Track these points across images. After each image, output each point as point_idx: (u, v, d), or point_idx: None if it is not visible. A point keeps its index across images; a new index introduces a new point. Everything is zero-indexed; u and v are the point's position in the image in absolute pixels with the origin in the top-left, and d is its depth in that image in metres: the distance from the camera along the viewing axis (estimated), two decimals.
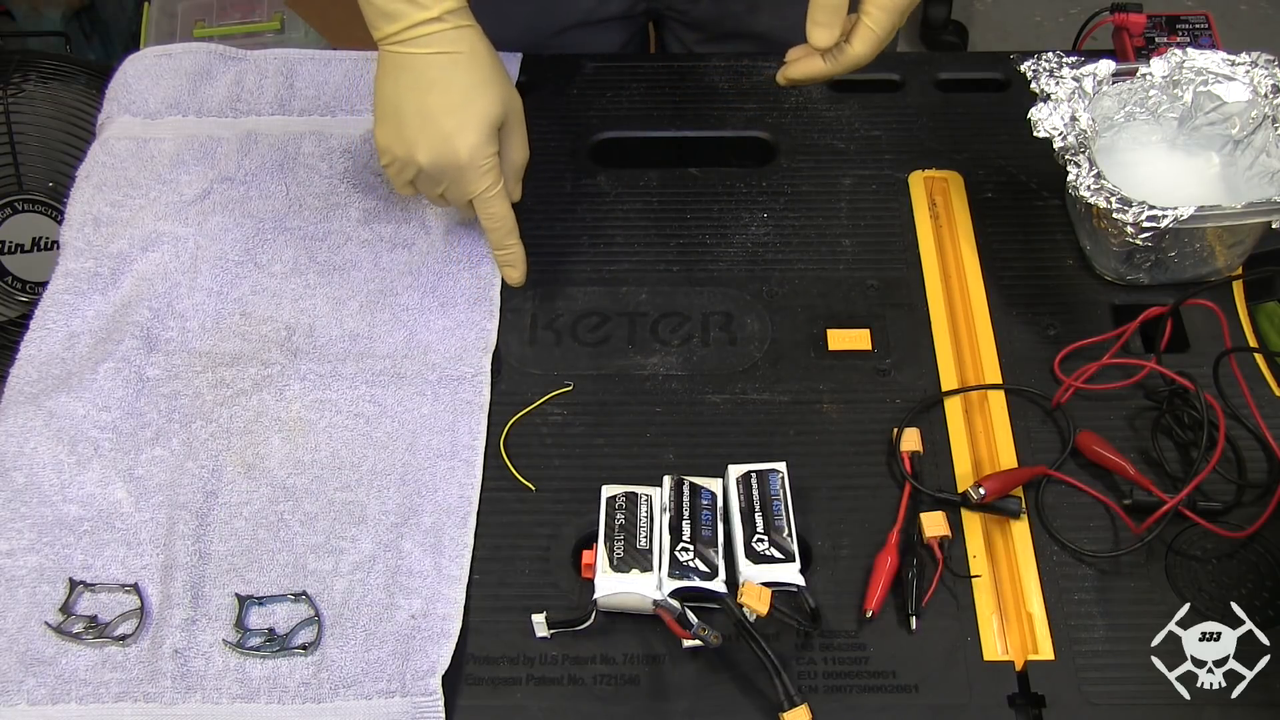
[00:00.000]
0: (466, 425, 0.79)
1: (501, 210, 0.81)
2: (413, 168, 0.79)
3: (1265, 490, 0.74)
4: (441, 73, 0.77)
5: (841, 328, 0.84)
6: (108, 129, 0.95)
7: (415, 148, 0.78)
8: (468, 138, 0.77)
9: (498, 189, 0.80)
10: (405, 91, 0.77)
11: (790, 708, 0.65)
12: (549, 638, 0.70)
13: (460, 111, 0.77)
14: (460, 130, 0.77)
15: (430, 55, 0.77)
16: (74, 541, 0.74)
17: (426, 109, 0.77)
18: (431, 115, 0.77)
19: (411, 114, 0.77)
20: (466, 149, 0.77)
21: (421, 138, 0.77)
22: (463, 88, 0.77)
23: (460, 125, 0.77)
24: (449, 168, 0.78)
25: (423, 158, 0.78)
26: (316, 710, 0.68)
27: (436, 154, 0.77)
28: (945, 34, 2.22)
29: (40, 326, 0.84)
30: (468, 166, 0.78)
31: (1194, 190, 0.85)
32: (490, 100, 0.78)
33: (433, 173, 0.79)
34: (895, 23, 0.76)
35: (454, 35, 0.77)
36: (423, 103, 0.77)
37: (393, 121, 0.78)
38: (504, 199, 0.81)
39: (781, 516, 0.72)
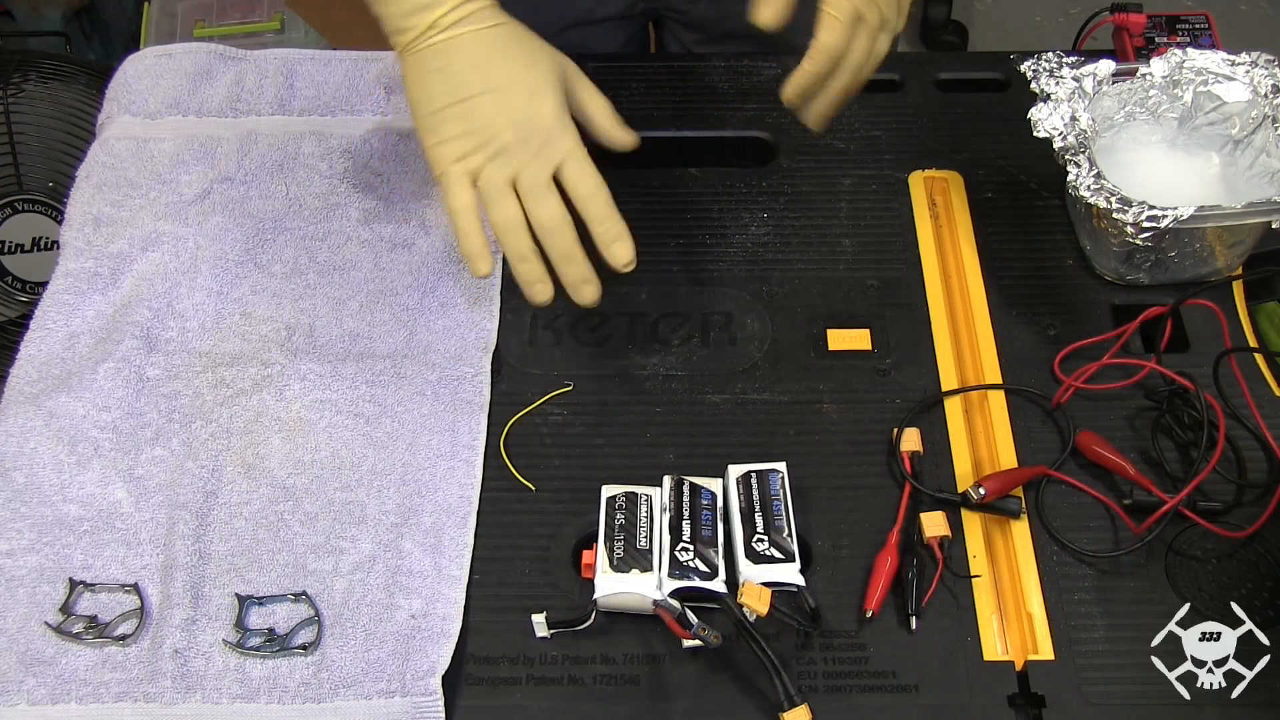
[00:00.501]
0: (466, 425, 0.79)
1: (595, 174, 0.74)
2: (493, 146, 0.73)
3: (1265, 490, 0.74)
4: (494, 45, 0.74)
5: (841, 328, 0.84)
6: (108, 129, 0.95)
7: (494, 122, 0.73)
8: (547, 97, 0.73)
9: (585, 151, 0.74)
10: (460, 75, 0.73)
11: (790, 708, 0.65)
12: (549, 638, 0.70)
13: (529, 73, 0.73)
14: (538, 91, 0.73)
15: (476, 32, 0.73)
16: (74, 541, 0.74)
17: (491, 81, 0.73)
18: (499, 86, 0.73)
19: (476, 91, 0.73)
20: (550, 108, 0.73)
21: (498, 109, 0.73)
22: (521, 53, 0.74)
23: (536, 86, 0.73)
24: (536, 131, 0.73)
25: (506, 130, 0.73)
26: (316, 710, 0.68)
27: (519, 120, 0.73)
28: (945, 34, 2.22)
29: (40, 326, 0.84)
30: (555, 125, 0.73)
31: (1194, 190, 0.85)
32: (549, 60, 0.75)
33: (517, 144, 0.73)
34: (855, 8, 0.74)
35: (490, 13, 0.74)
36: (486, 77, 0.73)
37: (456, 110, 0.73)
38: (592, 163, 0.75)
39: (781, 516, 0.72)
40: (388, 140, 0.94)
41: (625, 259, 0.75)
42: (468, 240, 0.75)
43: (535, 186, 0.73)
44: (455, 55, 0.74)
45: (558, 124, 0.73)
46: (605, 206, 0.74)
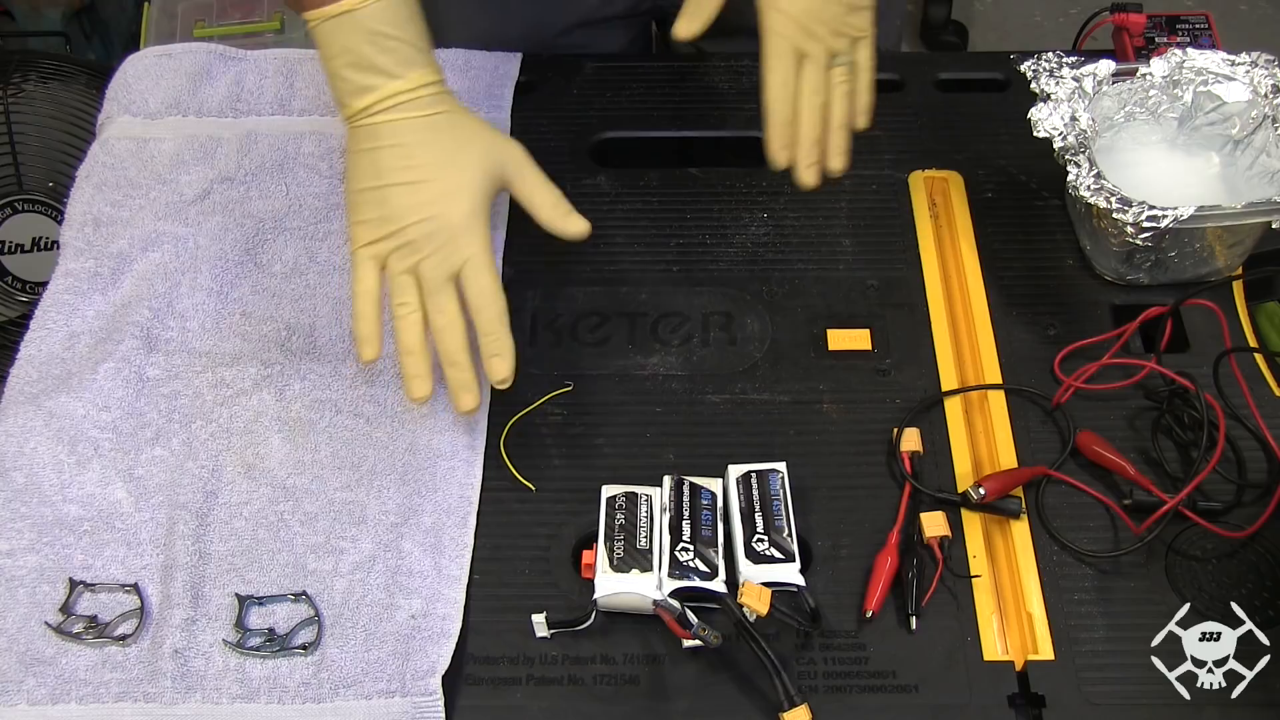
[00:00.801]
0: (466, 425, 0.79)
1: (489, 282, 0.73)
2: (401, 238, 0.73)
3: (1265, 490, 0.74)
4: (423, 136, 0.74)
5: (841, 328, 0.84)
6: (108, 129, 0.95)
7: (404, 214, 0.72)
8: (461, 197, 0.73)
9: (488, 258, 0.74)
10: (383, 161, 0.73)
11: (790, 708, 0.65)
12: (549, 638, 0.70)
13: (450, 169, 0.73)
14: (454, 190, 0.73)
15: (409, 120, 0.73)
16: (74, 541, 0.74)
17: (413, 174, 0.73)
18: (419, 181, 0.73)
19: (397, 181, 0.73)
20: (460, 208, 0.73)
21: (410, 202, 0.72)
22: (449, 145, 0.74)
23: (454, 184, 0.73)
24: (441, 230, 0.72)
25: (414, 224, 0.72)
26: (316, 710, 0.68)
27: (428, 217, 0.72)
28: (945, 34, 2.22)
29: (40, 326, 0.84)
30: (460, 226, 0.73)
31: (1194, 190, 0.85)
32: (482, 157, 0.74)
33: (422, 239, 0.73)
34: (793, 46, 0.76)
35: (436, 100, 0.74)
36: (409, 169, 0.73)
37: (373, 194, 0.73)
38: (493, 271, 0.74)
39: (781, 516, 0.72)
40: None
41: (501, 375, 0.74)
42: (359, 324, 0.75)
43: (433, 284, 0.73)
44: (383, 139, 0.74)
45: (464, 225, 0.73)
46: (493, 320, 0.74)
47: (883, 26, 1.10)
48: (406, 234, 0.73)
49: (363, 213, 0.74)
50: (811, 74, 0.78)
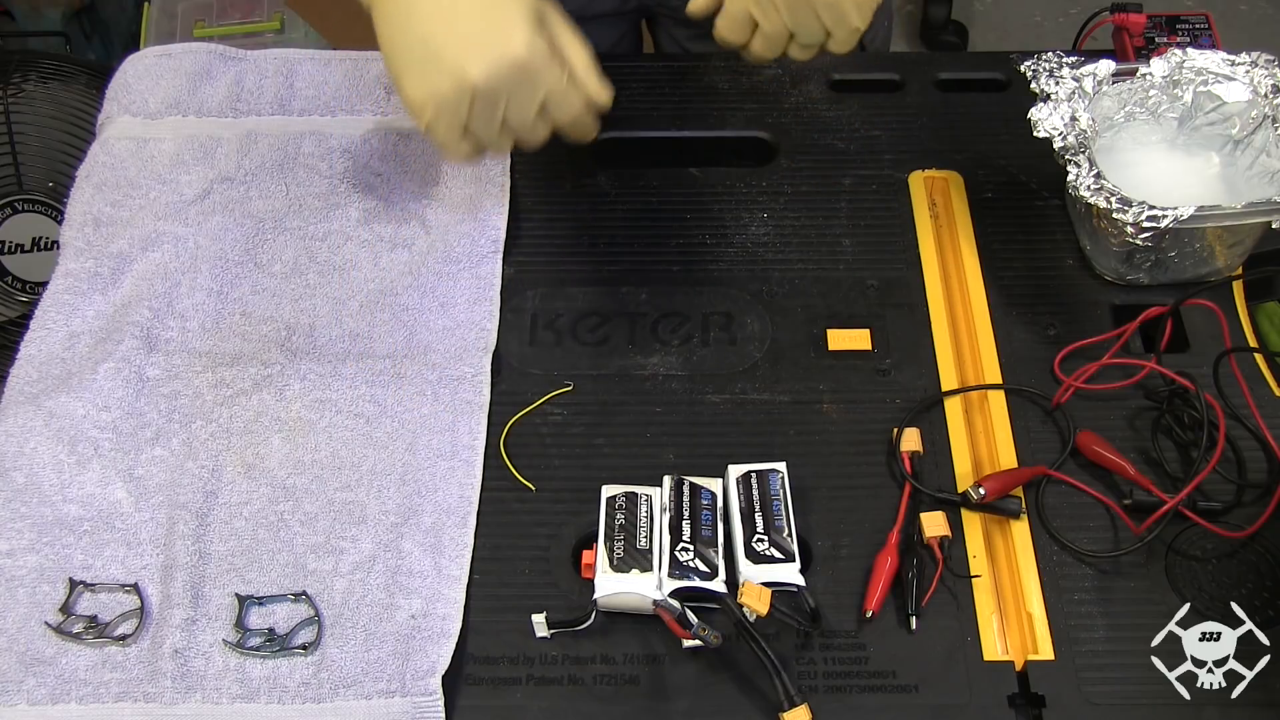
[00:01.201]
0: (466, 425, 0.79)
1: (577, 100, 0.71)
2: (466, 96, 0.68)
3: (1265, 490, 0.74)
4: None
5: (841, 328, 0.84)
6: (108, 129, 0.95)
7: (464, 67, 0.67)
8: (519, 32, 0.68)
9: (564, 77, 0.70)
10: (426, 17, 0.68)
11: (790, 708, 0.65)
12: (549, 638, 0.70)
13: (497, 8, 0.68)
14: (505, 24, 0.68)
15: None
16: (74, 541, 0.74)
17: (458, 23, 0.68)
18: (468, 26, 0.68)
19: (444, 36, 0.68)
20: (521, 43, 0.68)
21: (466, 53, 0.67)
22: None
23: (504, 21, 0.68)
24: (509, 71, 0.68)
25: (475, 73, 0.67)
26: (316, 710, 0.68)
27: (489, 61, 0.67)
28: (945, 34, 2.22)
29: (40, 326, 0.84)
30: (529, 60, 0.68)
31: (1194, 190, 0.85)
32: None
33: (491, 88, 0.68)
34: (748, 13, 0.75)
35: None
36: (452, 19, 0.68)
37: (423, 59, 0.69)
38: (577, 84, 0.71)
39: (781, 516, 0.72)
40: (388, 140, 0.94)
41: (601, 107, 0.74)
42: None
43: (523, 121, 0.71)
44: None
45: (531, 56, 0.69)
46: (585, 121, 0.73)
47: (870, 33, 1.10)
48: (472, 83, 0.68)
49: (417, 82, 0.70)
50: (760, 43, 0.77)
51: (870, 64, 1.02)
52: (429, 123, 0.71)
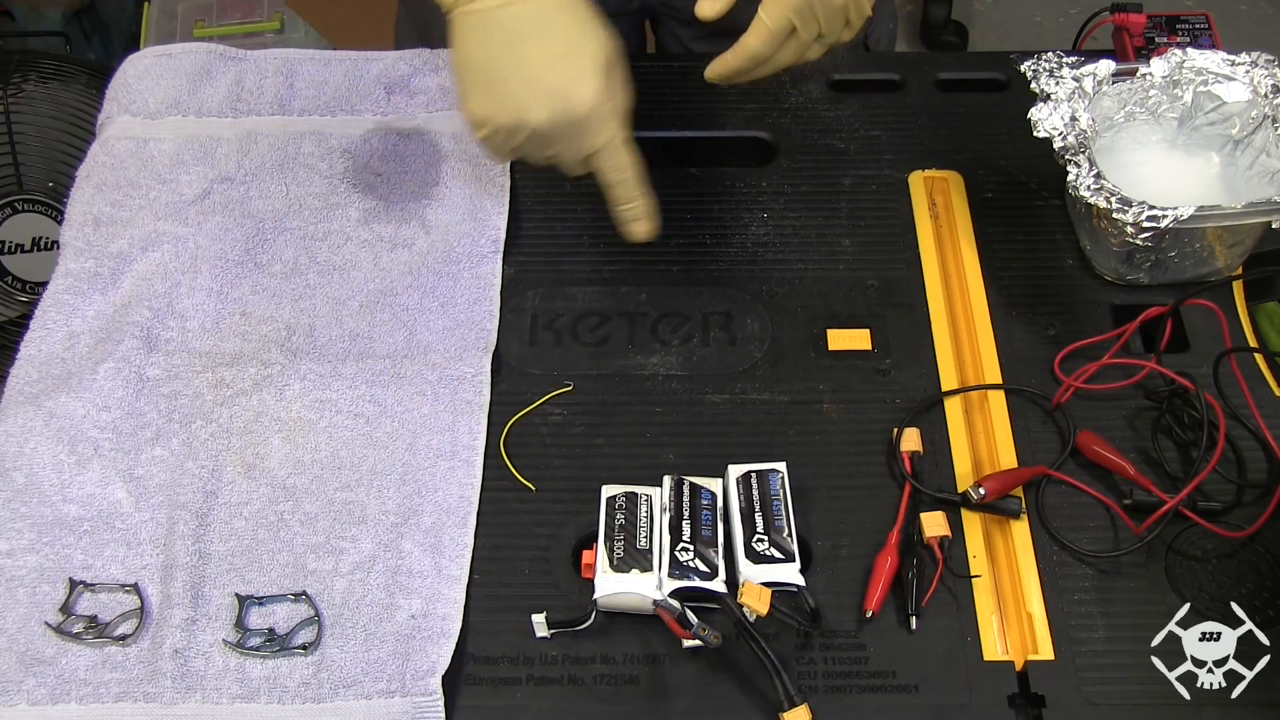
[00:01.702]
0: (466, 425, 0.79)
1: (627, 160, 0.74)
2: (523, 131, 0.71)
3: (1265, 490, 0.74)
4: (536, 24, 0.71)
5: (841, 328, 0.84)
6: (108, 129, 0.95)
7: (526, 108, 0.70)
8: (587, 86, 0.70)
9: (621, 137, 0.73)
10: (499, 51, 0.70)
11: (790, 708, 0.65)
12: (549, 638, 0.70)
13: (569, 60, 0.70)
14: (576, 80, 0.70)
15: (518, 7, 0.70)
16: (74, 541, 0.74)
17: (530, 65, 0.70)
18: (537, 70, 0.70)
19: (513, 73, 0.70)
20: (588, 99, 0.70)
21: (531, 96, 0.70)
22: (564, 35, 0.71)
23: (574, 75, 0.70)
24: (568, 123, 0.71)
25: (537, 117, 0.70)
26: (316, 710, 0.68)
27: (552, 111, 0.70)
28: (945, 34, 2.22)
29: (40, 326, 0.84)
30: (589, 118, 0.71)
31: (1194, 190, 0.85)
32: (597, 42, 0.71)
33: (548, 132, 0.71)
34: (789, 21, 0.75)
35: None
36: (523, 59, 0.70)
37: (489, 86, 0.71)
38: (629, 146, 0.74)
39: (781, 516, 0.72)
40: (388, 140, 0.94)
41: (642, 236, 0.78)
42: None
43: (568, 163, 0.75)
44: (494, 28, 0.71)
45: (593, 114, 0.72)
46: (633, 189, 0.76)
47: (876, 31, 1.10)
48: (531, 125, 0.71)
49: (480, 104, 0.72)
50: (792, 49, 0.78)
51: (870, 64, 1.02)
52: (481, 137, 0.73)
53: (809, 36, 0.77)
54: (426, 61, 0.98)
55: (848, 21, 0.78)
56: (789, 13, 0.75)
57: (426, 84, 0.97)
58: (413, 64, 0.98)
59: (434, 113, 0.96)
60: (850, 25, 0.78)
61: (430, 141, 0.94)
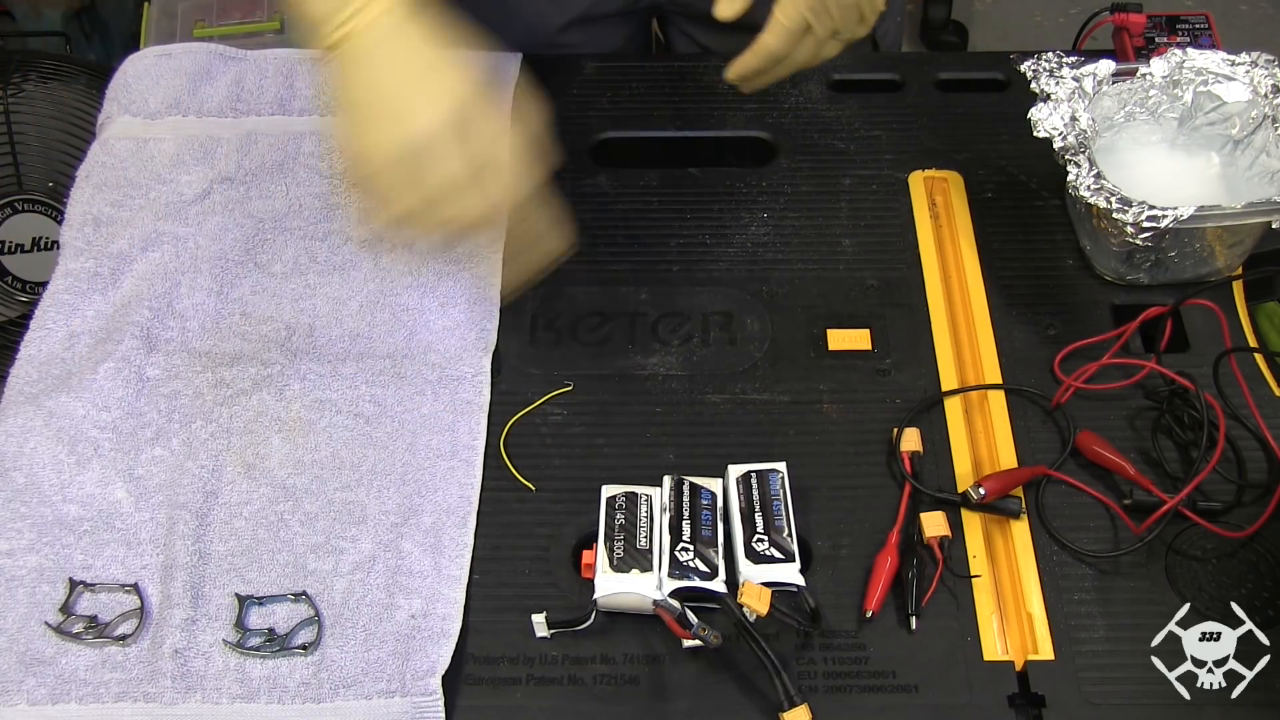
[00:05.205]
0: (466, 425, 0.79)
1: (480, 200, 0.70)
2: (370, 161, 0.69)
3: (1265, 490, 0.74)
4: (391, 58, 0.69)
5: (841, 328, 0.84)
6: (108, 129, 0.95)
7: (375, 128, 0.69)
8: (436, 108, 0.68)
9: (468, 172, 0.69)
10: (356, 83, 0.70)
11: (790, 708, 0.65)
12: (549, 638, 0.70)
13: (428, 84, 0.69)
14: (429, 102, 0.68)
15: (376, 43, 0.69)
16: (74, 541, 0.74)
17: (380, 94, 0.69)
18: (399, 90, 0.69)
19: (366, 102, 0.69)
20: (434, 119, 0.68)
21: (383, 119, 0.69)
22: (417, 68, 0.69)
23: (427, 97, 0.68)
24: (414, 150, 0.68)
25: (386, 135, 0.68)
26: (316, 710, 0.68)
27: (400, 131, 0.68)
28: (945, 34, 2.22)
29: (40, 326, 0.84)
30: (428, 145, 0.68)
31: (1194, 190, 0.85)
32: (461, 76, 0.69)
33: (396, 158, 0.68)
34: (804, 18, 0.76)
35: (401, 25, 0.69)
36: (375, 88, 0.69)
37: (351, 106, 0.70)
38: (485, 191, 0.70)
39: (781, 516, 0.72)
40: None
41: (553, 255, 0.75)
42: None
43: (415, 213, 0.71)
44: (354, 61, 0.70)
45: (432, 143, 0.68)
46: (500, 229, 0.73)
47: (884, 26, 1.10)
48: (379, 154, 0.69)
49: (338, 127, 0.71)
50: (809, 46, 0.79)
51: (870, 64, 1.02)
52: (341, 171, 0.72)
53: (824, 33, 0.78)
54: None
55: (862, 16, 0.78)
56: (804, 10, 0.76)
57: None
58: None
59: None
60: (864, 20, 0.79)
61: None
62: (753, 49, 0.79)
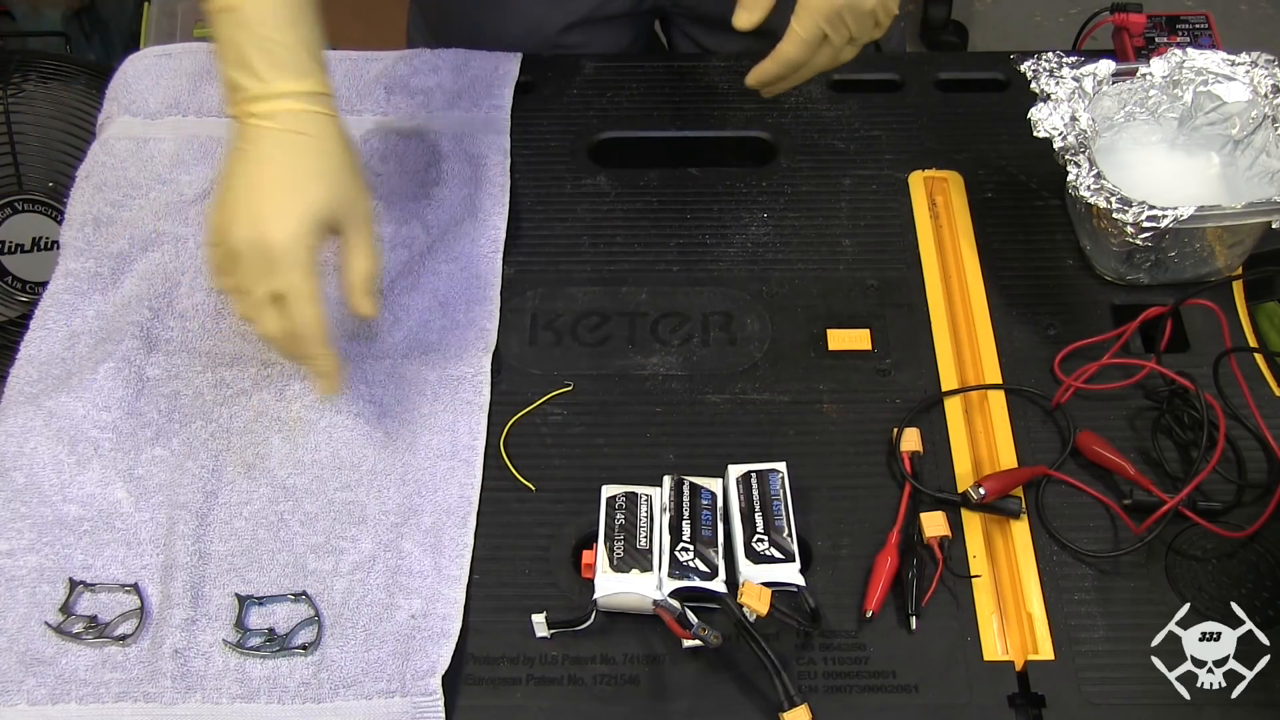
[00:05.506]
0: (466, 425, 0.79)
1: (308, 314, 0.70)
2: (224, 245, 0.70)
3: (1265, 490, 0.74)
4: (278, 150, 0.70)
5: (841, 328, 0.84)
6: (108, 129, 0.95)
7: (231, 221, 0.69)
8: (285, 222, 0.68)
9: (308, 289, 0.70)
10: (239, 163, 0.71)
11: (790, 708, 0.65)
12: (549, 638, 0.70)
13: (286, 192, 0.69)
14: (279, 212, 0.69)
15: (272, 130, 0.70)
16: (74, 541, 0.74)
17: (253, 184, 0.70)
18: (256, 191, 0.70)
19: (239, 186, 0.70)
20: (282, 232, 0.68)
21: (240, 212, 0.69)
22: (297, 170, 0.70)
23: (281, 207, 0.69)
24: (256, 252, 0.69)
25: (235, 233, 0.69)
26: (316, 710, 0.68)
27: (247, 232, 0.69)
28: (945, 34, 2.22)
29: (40, 326, 0.84)
30: (278, 255, 0.68)
31: (1194, 190, 0.85)
32: (324, 191, 0.70)
33: (238, 252, 0.69)
34: (821, 29, 0.78)
35: (305, 117, 0.71)
36: (252, 177, 0.70)
37: (220, 192, 0.71)
38: (314, 302, 0.70)
39: (781, 516, 0.72)
40: (388, 140, 0.94)
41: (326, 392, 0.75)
42: None
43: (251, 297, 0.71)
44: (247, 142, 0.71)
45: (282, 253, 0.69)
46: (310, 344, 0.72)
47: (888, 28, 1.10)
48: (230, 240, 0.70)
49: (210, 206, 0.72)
50: (826, 54, 0.81)
51: (870, 64, 1.02)
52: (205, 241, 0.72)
53: (841, 41, 0.80)
54: (426, 61, 0.99)
55: (877, 22, 0.80)
56: (820, 21, 0.78)
57: (426, 84, 0.97)
58: (413, 64, 0.98)
59: (434, 112, 0.96)
60: (880, 25, 0.80)
61: (430, 141, 0.94)
62: (772, 57, 0.81)
